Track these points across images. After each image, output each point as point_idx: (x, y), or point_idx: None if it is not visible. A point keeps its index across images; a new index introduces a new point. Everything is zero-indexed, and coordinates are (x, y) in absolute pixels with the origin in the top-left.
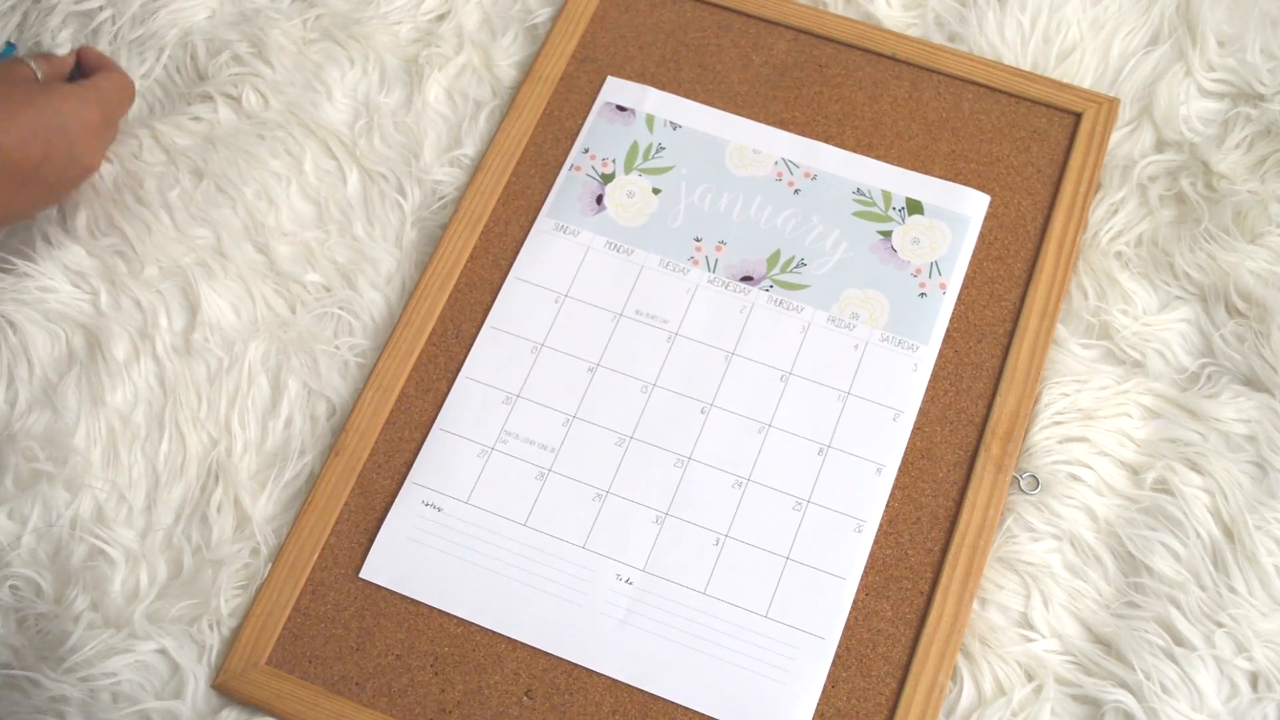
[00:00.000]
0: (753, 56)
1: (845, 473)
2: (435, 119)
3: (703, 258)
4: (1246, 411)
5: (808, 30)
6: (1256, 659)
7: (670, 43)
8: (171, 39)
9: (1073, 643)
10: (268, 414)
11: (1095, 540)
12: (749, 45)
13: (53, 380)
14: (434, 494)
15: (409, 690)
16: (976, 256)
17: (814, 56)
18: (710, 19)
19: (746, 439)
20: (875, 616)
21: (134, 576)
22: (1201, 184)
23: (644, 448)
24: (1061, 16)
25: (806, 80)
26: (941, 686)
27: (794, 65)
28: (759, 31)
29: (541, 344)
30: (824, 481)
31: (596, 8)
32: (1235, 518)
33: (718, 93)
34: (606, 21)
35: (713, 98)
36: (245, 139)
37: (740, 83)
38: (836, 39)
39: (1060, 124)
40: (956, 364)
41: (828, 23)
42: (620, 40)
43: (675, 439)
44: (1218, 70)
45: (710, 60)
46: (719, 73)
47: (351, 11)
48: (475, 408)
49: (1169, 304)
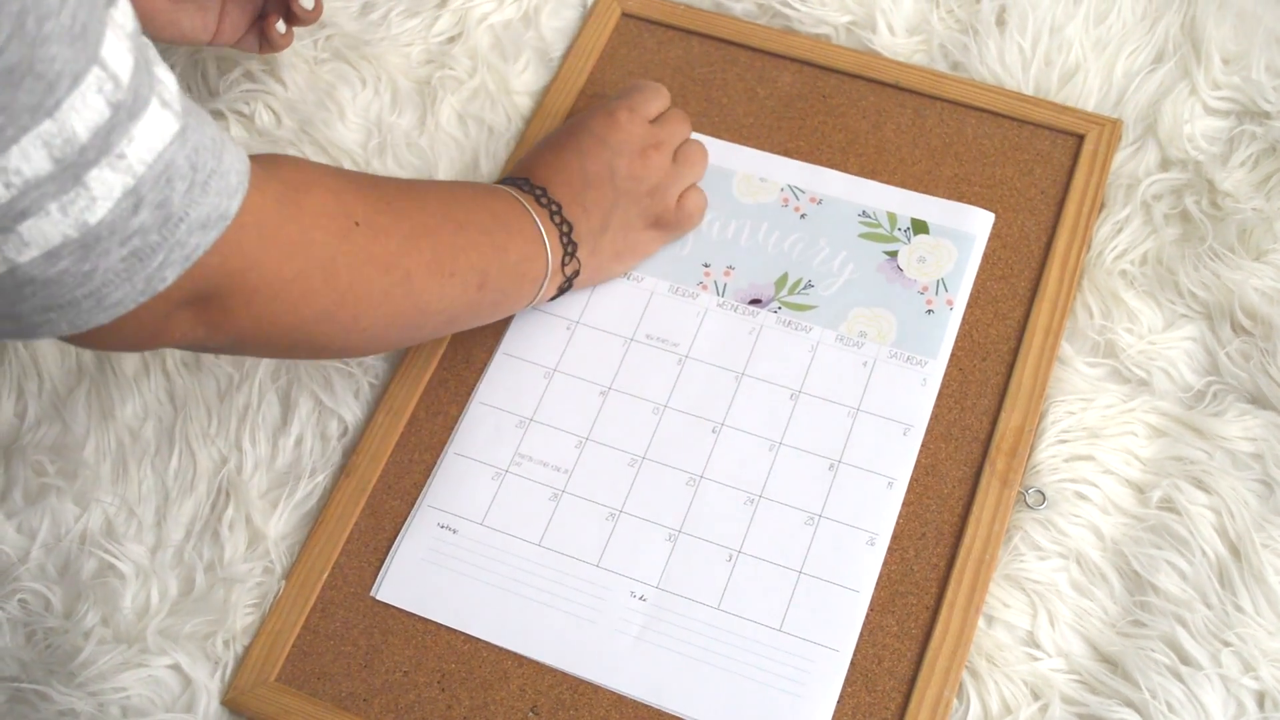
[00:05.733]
0: (758, 89)
1: (857, 487)
2: (448, 141)
3: (711, 282)
4: (1252, 430)
5: (812, 62)
6: (1263, 678)
7: (678, 77)
8: (183, 55)
9: (1079, 661)
10: (278, 432)
11: (1101, 559)
12: (754, 78)
13: (62, 394)
14: (449, 516)
15: (415, 706)
16: (981, 275)
17: (818, 87)
18: (717, 54)
19: (758, 457)
20: (881, 631)
21: (145, 592)
22: (1206, 202)
23: (656, 467)
24: (1063, 38)
25: (811, 110)
26: (947, 702)
27: (799, 96)
28: (764, 65)
29: (554, 369)
30: (835, 496)
31: (606, 44)
32: (1242, 536)
33: (724, 124)
34: (616, 57)
35: (719, 129)
36: None
37: (746, 115)
38: (840, 70)
39: (1063, 146)
40: (962, 381)
41: (831, 54)
42: (629, 75)
43: (687, 458)
44: (1222, 88)
45: (716, 94)
46: (725, 105)
47: (361, 32)
48: (489, 431)
49: (1174, 322)
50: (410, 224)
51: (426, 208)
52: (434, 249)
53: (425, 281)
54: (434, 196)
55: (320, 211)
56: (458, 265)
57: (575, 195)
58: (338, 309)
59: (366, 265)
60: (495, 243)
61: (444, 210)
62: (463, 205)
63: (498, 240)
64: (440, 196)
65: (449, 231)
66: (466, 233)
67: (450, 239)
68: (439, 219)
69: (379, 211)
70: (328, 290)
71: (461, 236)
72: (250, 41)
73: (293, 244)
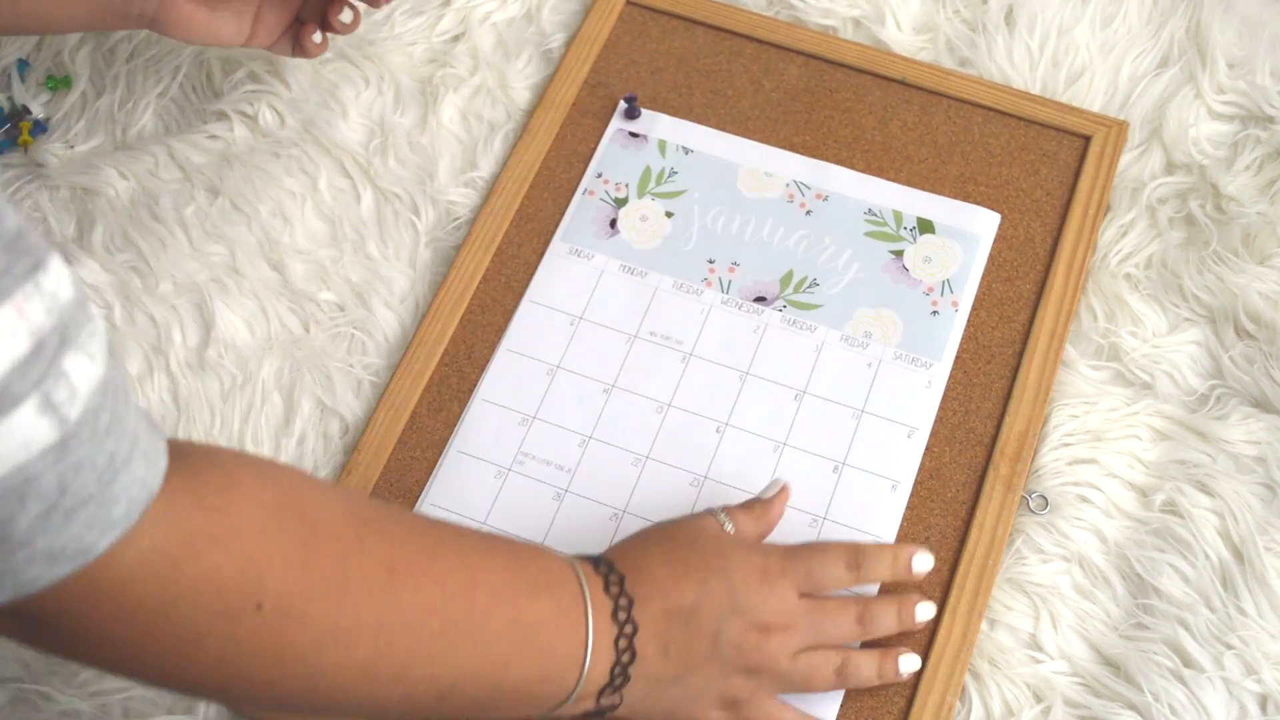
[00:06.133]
0: (764, 82)
1: (861, 489)
2: (450, 139)
3: (716, 279)
4: (1256, 433)
5: (818, 55)
6: (1266, 681)
7: (683, 68)
8: (187, 57)
9: (1081, 664)
10: (281, 431)
11: (1104, 562)
12: (760, 71)
13: None
14: (452, 515)
15: None
16: (986, 278)
17: (824, 81)
18: (722, 45)
19: (762, 457)
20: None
21: None
22: (1211, 206)
23: (660, 467)
24: (1070, 40)
25: (817, 105)
26: (950, 706)
27: (805, 90)
28: (770, 57)
29: (557, 366)
30: (840, 498)
31: (610, 34)
32: (1245, 539)
33: (729, 117)
34: (619, 47)
35: (724, 122)
36: (261, 157)
37: (751, 108)
38: (847, 64)
39: (1069, 147)
40: (966, 385)
41: (838, 48)
42: (633, 66)
43: (691, 458)
44: (1227, 92)
45: (722, 86)
46: (730, 98)
47: (365, 32)
48: (491, 429)
49: (1178, 326)
50: (353, 617)
51: (412, 601)
52: (376, 649)
53: (349, 684)
54: (438, 573)
55: (216, 575)
56: (410, 674)
57: (658, 625)
58: (201, 687)
59: (258, 656)
60: (490, 655)
61: (439, 596)
62: (469, 574)
63: (495, 652)
64: (444, 574)
65: (426, 636)
66: (449, 637)
67: (414, 642)
68: (419, 614)
69: (311, 577)
70: (192, 666)
71: (437, 643)
72: (284, 46)
73: (168, 603)
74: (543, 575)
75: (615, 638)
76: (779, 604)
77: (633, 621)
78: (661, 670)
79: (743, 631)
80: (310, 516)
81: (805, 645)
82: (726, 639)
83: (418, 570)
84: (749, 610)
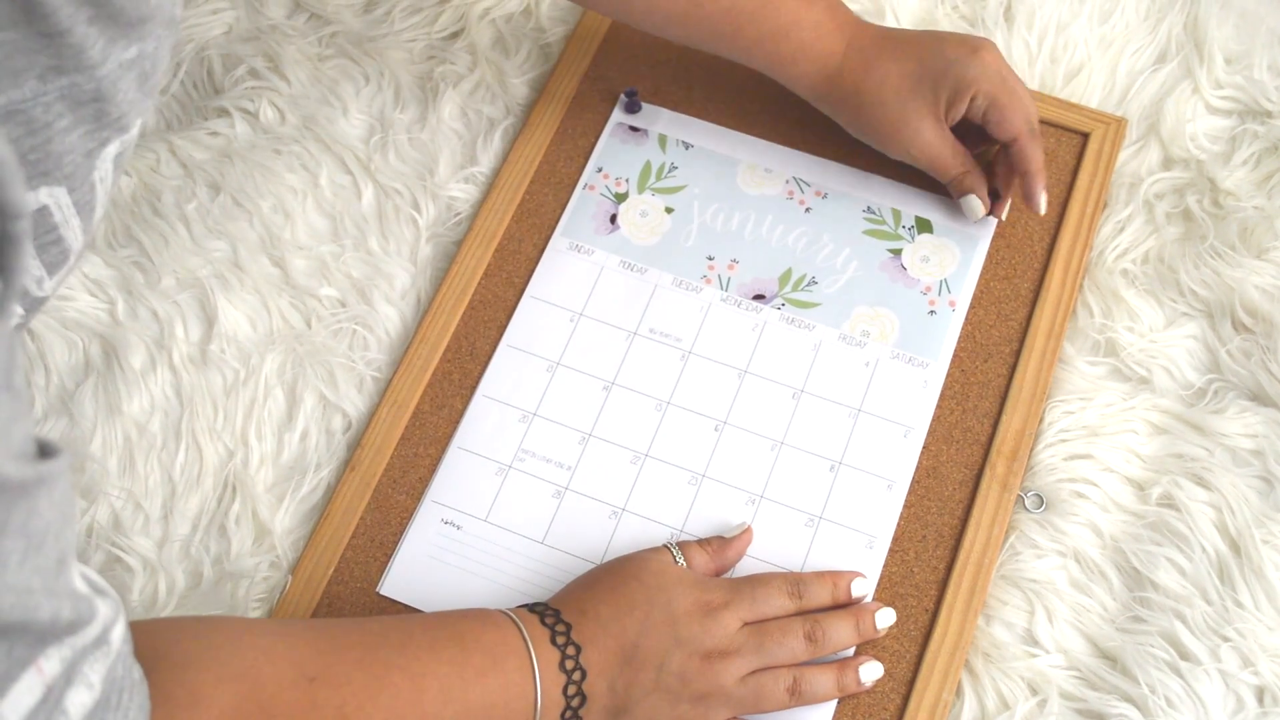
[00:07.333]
0: (763, 77)
1: (857, 489)
2: (450, 135)
3: (715, 276)
4: (1253, 426)
5: None
6: (1262, 673)
7: (682, 63)
8: (188, 54)
9: (1077, 658)
10: (283, 427)
11: (1100, 556)
12: None
13: (69, 388)
14: (453, 512)
15: None
16: (984, 276)
17: None
18: None
19: (759, 456)
20: None
21: (152, 585)
22: (1208, 201)
23: (659, 465)
24: (1068, 36)
25: None
26: (946, 703)
27: None
28: None
29: (557, 362)
30: (836, 498)
31: (609, 27)
32: (1242, 532)
33: (729, 112)
34: (619, 41)
35: (724, 117)
36: (261, 153)
37: (751, 102)
38: None
39: (1068, 144)
40: (963, 383)
41: None
42: (632, 60)
43: (689, 456)
44: (1225, 87)
45: (722, 80)
46: (730, 92)
47: (365, 29)
48: (492, 426)
49: (1175, 320)
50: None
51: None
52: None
53: None
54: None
55: None
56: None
57: (605, 663)
58: None
59: None
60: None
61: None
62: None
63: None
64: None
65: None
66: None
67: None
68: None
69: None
70: None
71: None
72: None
73: None
74: (488, 657)
75: (564, 685)
76: (721, 632)
77: (581, 668)
78: (609, 703)
79: (685, 660)
80: (267, 701)
81: (753, 668)
82: (670, 670)
83: (369, 706)
84: (690, 641)
